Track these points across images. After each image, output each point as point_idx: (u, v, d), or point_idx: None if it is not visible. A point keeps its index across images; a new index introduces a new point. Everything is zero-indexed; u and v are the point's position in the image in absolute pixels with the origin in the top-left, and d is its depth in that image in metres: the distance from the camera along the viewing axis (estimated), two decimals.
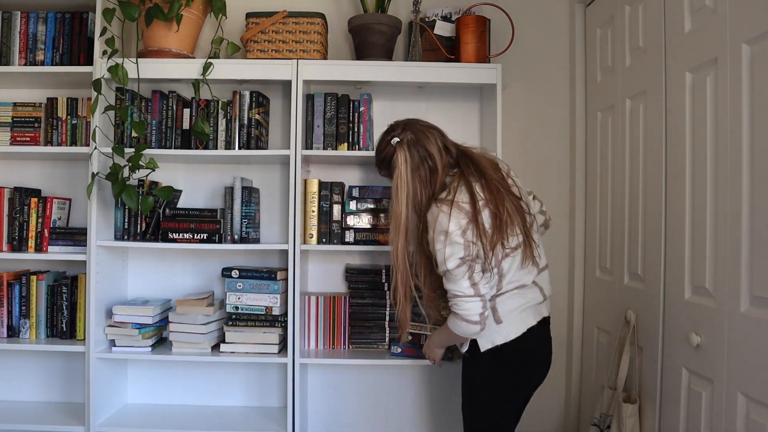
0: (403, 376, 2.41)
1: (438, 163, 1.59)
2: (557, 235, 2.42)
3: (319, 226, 2.21)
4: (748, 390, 1.38)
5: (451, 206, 1.52)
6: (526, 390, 1.67)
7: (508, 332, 1.58)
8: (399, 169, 1.57)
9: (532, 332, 1.59)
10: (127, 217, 2.24)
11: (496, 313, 1.58)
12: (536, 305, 1.62)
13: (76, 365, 2.34)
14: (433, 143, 1.60)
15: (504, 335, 1.57)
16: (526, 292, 1.61)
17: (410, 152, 1.58)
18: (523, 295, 1.60)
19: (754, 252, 1.37)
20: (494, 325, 1.58)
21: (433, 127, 1.66)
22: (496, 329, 1.58)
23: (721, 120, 1.48)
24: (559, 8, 2.48)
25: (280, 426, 2.18)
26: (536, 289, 1.63)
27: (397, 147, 1.59)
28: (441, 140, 1.63)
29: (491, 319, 1.58)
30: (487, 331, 1.57)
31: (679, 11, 1.66)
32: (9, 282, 2.22)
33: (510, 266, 1.57)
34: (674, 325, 1.68)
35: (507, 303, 1.58)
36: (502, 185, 1.58)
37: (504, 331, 1.57)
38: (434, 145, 1.60)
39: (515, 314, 1.58)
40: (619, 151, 2.06)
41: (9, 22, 2.22)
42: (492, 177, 1.58)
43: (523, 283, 1.60)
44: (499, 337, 1.57)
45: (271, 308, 2.17)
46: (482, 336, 1.58)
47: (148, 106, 2.24)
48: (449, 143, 1.66)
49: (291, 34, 2.18)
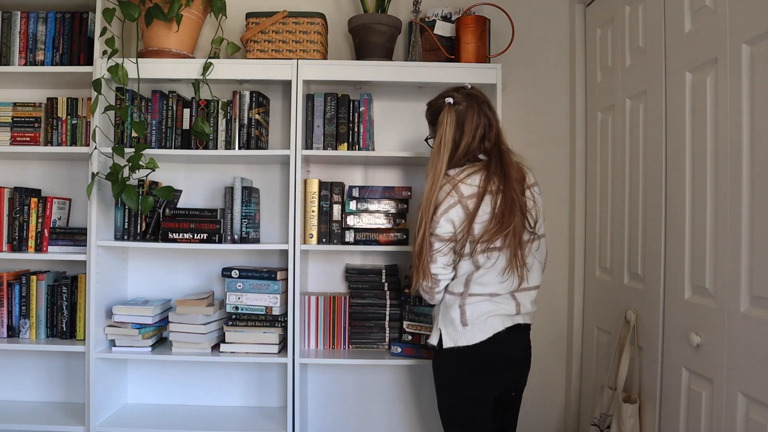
0: (403, 376, 2.41)
1: (462, 144, 1.63)
2: (557, 235, 2.42)
3: (319, 226, 2.21)
4: (748, 390, 1.38)
5: (449, 182, 1.60)
6: (493, 391, 1.66)
7: (472, 336, 1.60)
8: (444, 128, 1.65)
9: (498, 338, 1.60)
10: (127, 217, 2.24)
11: (464, 315, 1.61)
12: (507, 315, 1.63)
13: (76, 365, 2.34)
14: (471, 126, 1.64)
15: (467, 339, 1.60)
16: (498, 301, 1.62)
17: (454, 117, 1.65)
18: (494, 303, 1.61)
19: (754, 252, 1.37)
20: (460, 327, 1.61)
21: (486, 115, 1.67)
22: (462, 331, 1.61)
23: (721, 120, 1.48)
24: (559, 8, 2.48)
25: (280, 426, 2.18)
26: (512, 302, 1.63)
27: (447, 108, 1.65)
28: (482, 131, 1.65)
29: (458, 321, 1.61)
30: (453, 331, 1.62)
31: (679, 11, 1.66)
32: (9, 282, 2.22)
33: (485, 265, 1.59)
34: (674, 325, 1.68)
35: (476, 307, 1.60)
36: (516, 192, 1.60)
37: (468, 335, 1.60)
38: (471, 128, 1.64)
39: (481, 320, 1.60)
40: (619, 151, 2.06)
41: (9, 22, 2.22)
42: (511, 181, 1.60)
43: (496, 292, 1.61)
44: (462, 339, 1.61)
45: (271, 308, 2.17)
46: (447, 333, 1.62)
47: (148, 106, 2.24)
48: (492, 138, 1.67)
49: (291, 34, 2.18)
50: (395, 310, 2.24)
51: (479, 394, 1.64)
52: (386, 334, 2.25)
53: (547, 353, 2.44)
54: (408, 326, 2.18)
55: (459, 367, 1.63)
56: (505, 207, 1.57)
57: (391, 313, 2.24)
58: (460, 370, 1.63)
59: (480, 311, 1.60)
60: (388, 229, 2.20)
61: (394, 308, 2.24)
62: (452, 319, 1.62)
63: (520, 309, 1.64)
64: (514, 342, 1.65)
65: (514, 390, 1.74)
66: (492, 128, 1.67)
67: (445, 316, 1.64)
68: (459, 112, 1.65)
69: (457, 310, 1.61)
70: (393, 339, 2.23)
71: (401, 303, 2.23)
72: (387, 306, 2.24)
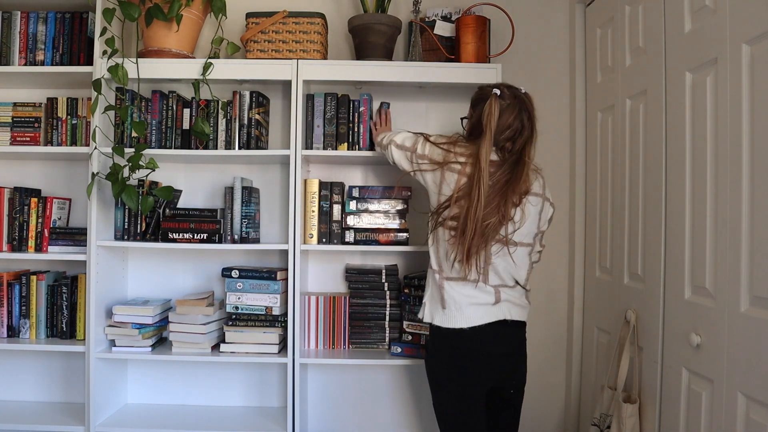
0: (403, 376, 2.41)
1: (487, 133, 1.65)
2: (557, 235, 2.42)
3: (319, 226, 2.21)
4: (748, 390, 1.38)
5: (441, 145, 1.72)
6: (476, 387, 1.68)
7: (449, 319, 1.66)
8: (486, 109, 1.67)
9: (478, 331, 1.64)
10: (127, 217, 2.24)
11: (443, 298, 1.67)
12: (489, 305, 1.66)
13: (76, 365, 2.34)
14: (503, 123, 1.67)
15: (442, 321, 1.67)
16: (471, 287, 1.66)
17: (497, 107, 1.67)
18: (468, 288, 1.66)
19: (754, 252, 1.37)
20: (439, 308, 1.69)
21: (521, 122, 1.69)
22: (441, 313, 1.68)
23: (721, 120, 1.48)
24: (559, 8, 2.48)
25: (280, 426, 2.18)
26: (489, 291, 1.67)
27: (492, 97, 1.68)
28: (510, 133, 1.68)
29: (437, 301, 1.69)
30: (433, 309, 1.70)
31: (679, 11, 1.66)
32: (9, 282, 2.22)
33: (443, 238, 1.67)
34: (674, 325, 1.68)
35: (454, 290, 1.67)
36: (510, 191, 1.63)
37: (445, 318, 1.67)
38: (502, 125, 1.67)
39: (461, 307, 1.65)
40: (619, 151, 2.06)
41: (9, 22, 2.23)
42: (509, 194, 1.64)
43: (463, 276, 1.64)
44: (438, 319, 1.68)
45: (271, 308, 2.17)
46: (428, 308, 1.73)
47: (148, 106, 2.24)
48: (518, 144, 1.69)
49: (291, 34, 2.18)
50: (395, 310, 2.24)
51: (463, 390, 1.67)
52: (386, 334, 2.25)
53: (547, 353, 2.44)
54: (408, 326, 2.18)
55: (442, 357, 1.70)
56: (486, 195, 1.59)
57: (391, 313, 2.24)
58: (443, 359, 1.70)
59: (458, 295, 1.66)
60: (388, 229, 2.20)
61: (394, 308, 2.24)
62: (433, 296, 1.72)
63: (500, 298, 1.67)
64: (498, 337, 1.67)
65: (512, 388, 1.75)
66: (522, 136, 1.69)
67: (431, 292, 1.74)
68: (501, 106, 1.68)
69: (437, 290, 1.69)
70: (393, 339, 2.24)
71: (401, 303, 2.23)
72: (387, 306, 2.24)
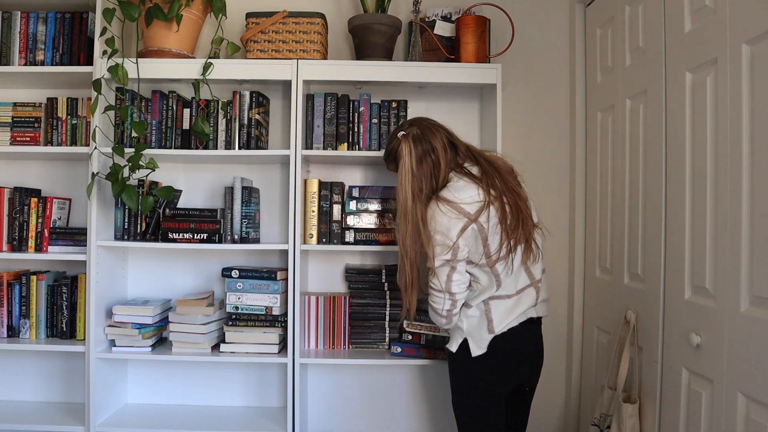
0: (403, 376, 2.41)
1: (441, 158, 1.66)
2: (557, 235, 2.42)
3: (319, 226, 2.21)
4: (748, 390, 1.38)
5: (450, 206, 1.58)
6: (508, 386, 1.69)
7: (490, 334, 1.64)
8: (404, 160, 1.66)
9: (513, 332, 1.63)
10: (127, 217, 2.24)
11: (491, 323, 1.62)
12: (526, 309, 1.65)
13: (76, 365, 2.34)
14: (437, 139, 1.67)
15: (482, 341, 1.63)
16: (521, 296, 1.65)
17: (414, 145, 1.67)
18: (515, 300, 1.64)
19: (754, 252, 1.37)
20: (486, 335, 1.62)
21: (439, 125, 1.73)
22: (487, 338, 1.63)
23: (721, 120, 1.48)
24: (559, 8, 2.47)
25: (280, 426, 2.18)
26: (532, 293, 1.67)
27: (402, 140, 1.68)
28: (446, 137, 1.70)
29: (484, 328, 1.62)
30: (480, 339, 1.63)
31: (679, 11, 1.66)
32: (9, 282, 2.22)
33: (504, 270, 1.61)
34: (674, 325, 1.68)
35: (500, 310, 1.63)
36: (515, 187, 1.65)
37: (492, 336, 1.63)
38: (439, 141, 1.67)
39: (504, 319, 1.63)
40: (619, 151, 2.06)
41: (9, 22, 2.22)
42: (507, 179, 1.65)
43: (518, 288, 1.64)
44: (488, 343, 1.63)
45: (271, 308, 2.17)
46: (474, 342, 1.63)
47: (148, 106, 2.24)
48: (457, 141, 1.72)
49: (291, 34, 2.18)
50: (395, 310, 2.24)
51: (495, 388, 1.66)
52: (386, 334, 2.25)
53: (547, 353, 2.38)
54: (408, 326, 2.18)
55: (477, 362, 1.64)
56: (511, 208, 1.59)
57: (391, 313, 2.24)
58: (479, 365, 1.64)
59: (504, 311, 1.63)
60: (388, 229, 2.20)
61: (394, 308, 2.24)
62: (478, 327, 1.63)
63: (539, 298, 1.67)
64: (527, 336, 1.68)
65: (528, 385, 1.77)
66: (449, 132, 1.72)
67: (471, 327, 1.64)
68: (416, 135, 1.68)
69: (484, 319, 1.63)
70: (393, 339, 2.24)
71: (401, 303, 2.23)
72: (387, 306, 2.24)
